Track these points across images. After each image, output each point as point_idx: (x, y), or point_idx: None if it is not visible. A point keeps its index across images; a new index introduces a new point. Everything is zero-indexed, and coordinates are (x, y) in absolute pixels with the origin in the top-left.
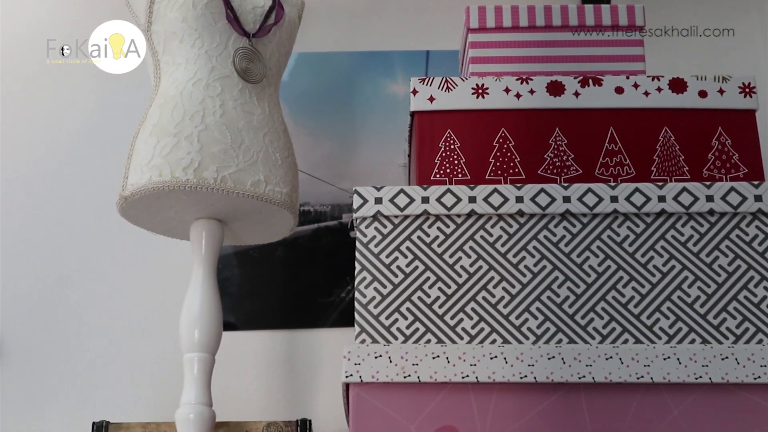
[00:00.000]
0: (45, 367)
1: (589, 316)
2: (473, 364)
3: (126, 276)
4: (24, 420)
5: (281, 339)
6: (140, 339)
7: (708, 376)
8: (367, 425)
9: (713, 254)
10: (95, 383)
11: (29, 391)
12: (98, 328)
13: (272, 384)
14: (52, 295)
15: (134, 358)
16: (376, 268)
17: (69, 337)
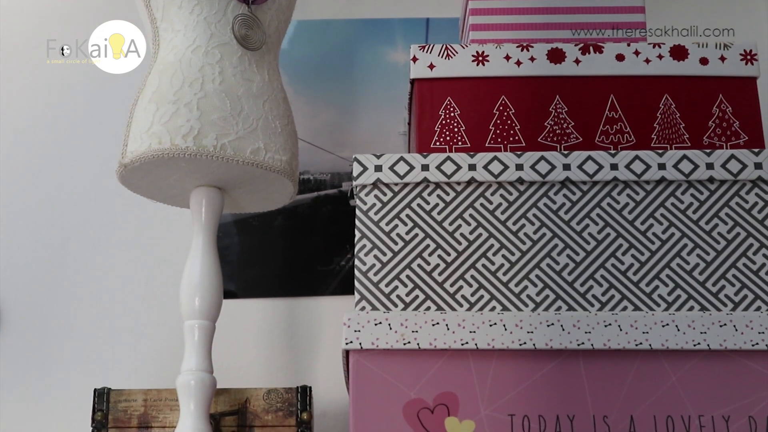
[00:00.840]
0: (46, 334)
1: (589, 283)
2: (473, 331)
3: (126, 244)
4: (25, 387)
5: (281, 307)
6: (141, 306)
7: (706, 342)
8: (367, 392)
9: (712, 222)
10: (96, 351)
11: (30, 359)
12: (98, 295)
13: (272, 351)
14: (52, 263)
15: (135, 325)
16: (375, 235)
17: (69, 305)
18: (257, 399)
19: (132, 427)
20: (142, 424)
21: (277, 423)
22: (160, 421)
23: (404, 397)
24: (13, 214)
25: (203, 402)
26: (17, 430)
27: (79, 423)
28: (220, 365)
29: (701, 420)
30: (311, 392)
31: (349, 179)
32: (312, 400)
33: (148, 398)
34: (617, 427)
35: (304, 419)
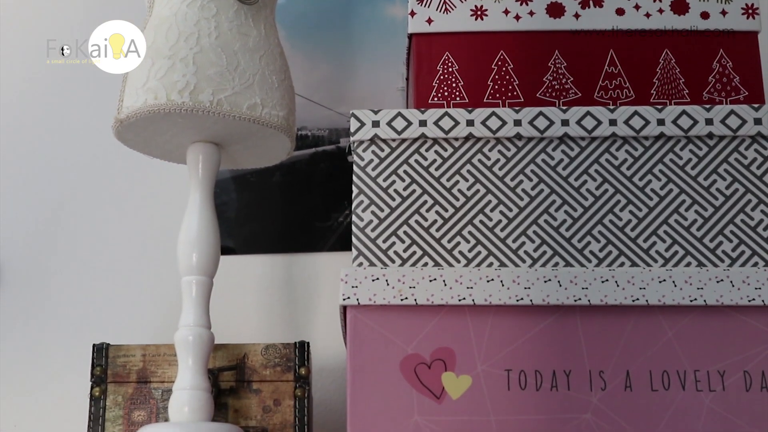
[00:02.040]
0: (44, 291)
1: (586, 239)
2: (470, 287)
3: (123, 200)
4: (24, 343)
5: (279, 263)
6: (138, 262)
7: (703, 298)
8: (365, 347)
9: (711, 178)
10: (95, 306)
11: (29, 315)
12: (96, 252)
13: (271, 307)
14: (50, 219)
15: (133, 281)
16: (373, 191)
17: (68, 261)
18: (255, 354)
19: (131, 382)
20: (141, 379)
21: (276, 378)
22: (158, 376)
23: (401, 353)
24: (12, 170)
25: (201, 357)
26: (17, 386)
27: (78, 378)
28: (219, 321)
29: (696, 375)
30: (309, 348)
31: (347, 135)
32: (310, 355)
33: (146, 353)
34: (613, 381)
35: (302, 374)
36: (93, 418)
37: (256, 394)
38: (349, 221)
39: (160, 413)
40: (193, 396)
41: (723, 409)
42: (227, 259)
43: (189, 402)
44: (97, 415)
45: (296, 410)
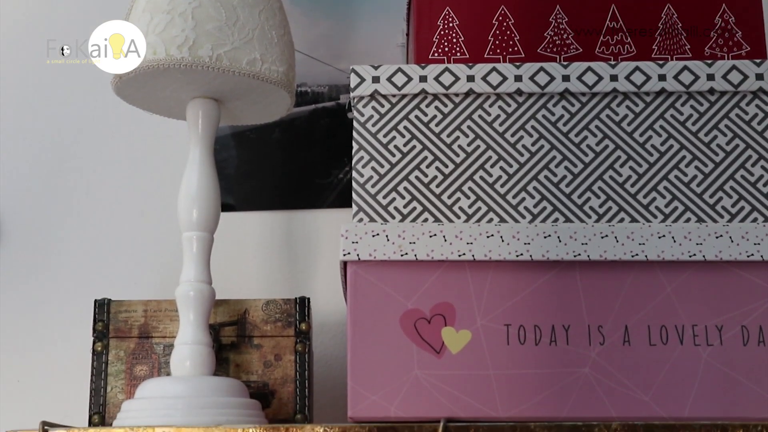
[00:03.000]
0: (45, 247)
1: (586, 195)
2: (470, 242)
3: (124, 156)
4: (26, 299)
5: (279, 220)
6: (139, 218)
7: (702, 254)
8: (365, 302)
9: (712, 133)
10: (96, 263)
11: (31, 271)
12: (98, 207)
13: (271, 264)
14: (51, 175)
15: (134, 237)
16: (373, 147)
17: (69, 217)
18: (256, 310)
19: (132, 337)
20: (142, 334)
21: (276, 333)
22: (160, 331)
23: (401, 308)
24: (12, 126)
25: (202, 312)
26: (19, 341)
27: (80, 333)
28: (219, 277)
29: (695, 329)
30: (309, 303)
31: (347, 92)
32: (310, 311)
33: (148, 309)
34: (612, 336)
35: (302, 330)
36: (95, 372)
37: (257, 349)
38: (349, 178)
39: (162, 368)
40: (195, 351)
41: (720, 363)
42: (227, 216)
43: (190, 357)
44: (100, 370)
45: (297, 365)
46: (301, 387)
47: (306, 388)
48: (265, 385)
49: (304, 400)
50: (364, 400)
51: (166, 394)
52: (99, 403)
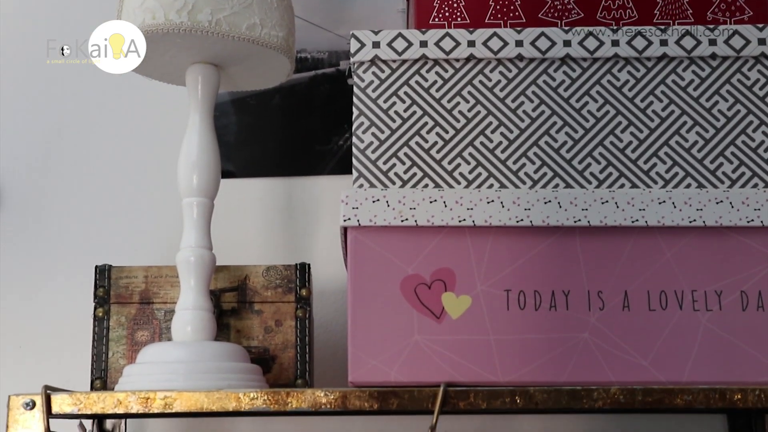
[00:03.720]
0: (46, 213)
1: (587, 161)
2: (470, 208)
3: (123, 122)
4: (27, 266)
5: (280, 186)
6: (139, 184)
7: (702, 219)
8: (365, 268)
9: (713, 99)
10: (97, 229)
11: (31, 238)
12: (98, 174)
13: (271, 230)
14: (51, 141)
15: (134, 203)
16: (373, 113)
17: (69, 183)
18: (257, 276)
19: (134, 303)
20: (143, 300)
21: (277, 299)
22: (161, 297)
23: (402, 273)
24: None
25: (203, 278)
26: (21, 307)
27: (81, 300)
28: (220, 243)
29: (694, 295)
30: (310, 269)
31: (347, 58)
32: (311, 276)
33: (148, 275)
34: (611, 301)
35: (303, 295)
36: (97, 338)
37: (257, 315)
38: (349, 145)
39: (163, 333)
40: (196, 316)
41: (719, 328)
42: (227, 183)
43: (191, 322)
44: (101, 335)
45: (297, 330)
46: (301, 352)
47: (306, 353)
48: (266, 350)
49: (305, 365)
50: (364, 364)
51: (168, 359)
52: (101, 368)
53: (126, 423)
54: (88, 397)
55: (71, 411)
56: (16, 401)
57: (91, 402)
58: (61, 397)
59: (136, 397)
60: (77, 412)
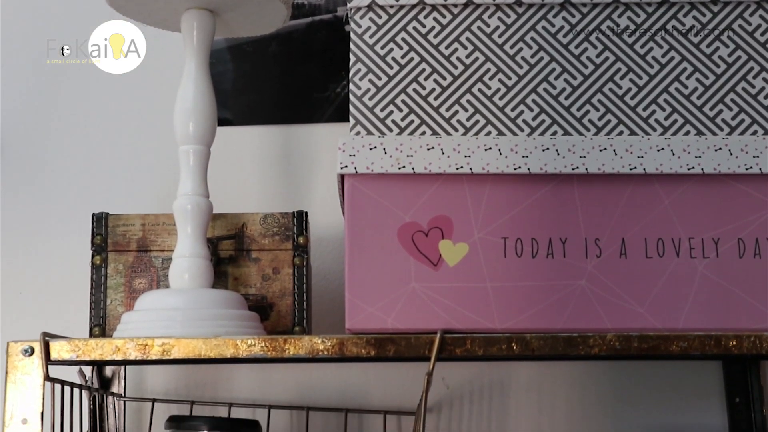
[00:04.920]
0: (43, 161)
1: (585, 108)
2: (468, 155)
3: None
4: (26, 213)
5: (277, 134)
6: (135, 132)
7: (700, 167)
8: (362, 215)
9: (714, 45)
10: (93, 177)
11: (28, 186)
12: (94, 121)
13: (268, 178)
14: (48, 89)
15: (131, 151)
16: (370, 59)
17: (66, 132)
18: (254, 223)
19: (131, 251)
20: (140, 248)
21: (274, 247)
22: (158, 245)
23: (399, 221)
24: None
25: (200, 225)
26: (20, 256)
27: (79, 247)
28: (217, 191)
29: (691, 242)
30: (307, 217)
31: (345, 4)
32: (308, 224)
33: (146, 223)
34: (608, 249)
35: (300, 243)
36: (95, 285)
37: (255, 263)
38: (346, 92)
39: (161, 281)
40: (193, 263)
41: (716, 275)
42: (224, 131)
43: (189, 269)
44: (99, 283)
45: (295, 278)
46: (299, 300)
47: (304, 300)
48: (264, 298)
49: (303, 313)
50: (361, 311)
51: (165, 306)
52: (99, 316)
53: (125, 370)
54: (87, 344)
55: (70, 357)
56: (14, 348)
57: (89, 348)
58: (59, 344)
59: (134, 343)
60: (76, 358)
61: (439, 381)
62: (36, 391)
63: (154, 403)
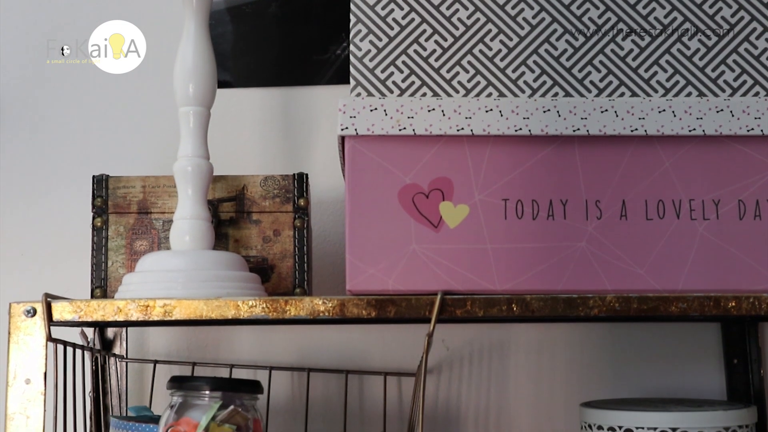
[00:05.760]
0: (44, 124)
1: (587, 69)
2: (468, 117)
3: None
4: (26, 176)
5: (277, 96)
6: (135, 94)
7: (702, 128)
8: (363, 177)
9: (717, 5)
10: (93, 139)
11: (29, 148)
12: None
13: (269, 140)
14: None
15: (130, 113)
16: (371, 20)
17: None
18: (254, 186)
19: (132, 213)
20: (141, 210)
21: (275, 209)
22: (159, 207)
23: (399, 183)
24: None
25: (201, 187)
26: (21, 217)
27: (79, 210)
28: (217, 153)
29: (692, 204)
30: (308, 179)
31: None
32: (309, 186)
33: (146, 185)
34: (609, 211)
35: (301, 205)
36: (96, 247)
37: (255, 225)
38: (346, 54)
39: (162, 243)
40: (194, 225)
41: (716, 236)
42: (224, 93)
43: (190, 231)
44: (100, 245)
45: (296, 240)
46: (300, 262)
47: (305, 263)
48: (264, 260)
49: (303, 275)
50: (362, 273)
51: (167, 267)
52: (100, 278)
53: (127, 332)
54: (89, 305)
55: (72, 318)
56: (17, 308)
57: (91, 309)
58: (61, 305)
59: (136, 304)
60: (78, 319)
61: (439, 343)
62: (39, 352)
63: (155, 364)
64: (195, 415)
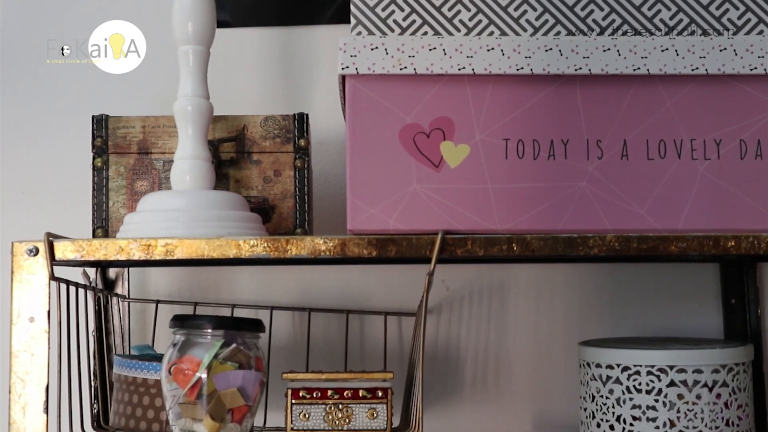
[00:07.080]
0: (43, 63)
1: (589, 7)
2: (470, 56)
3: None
4: (27, 116)
5: (277, 36)
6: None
7: (705, 67)
8: (363, 116)
9: None
10: (92, 78)
11: (28, 88)
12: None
13: (269, 80)
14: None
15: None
16: None
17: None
18: (255, 126)
19: (132, 153)
20: (141, 150)
21: (275, 149)
22: (159, 147)
23: (400, 122)
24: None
25: (201, 127)
26: (22, 156)
27: (79, 149)
28: (217, 93)
29: (693, 143)
30: (308, 119)
31: None
32: (309, 127)
33: (146, 125)
34: (610, 150)
35: (301, 145)
36: (96, 187)
37: (256, 165)
38: None
39: (162, 183)
40: (194, 165)
41: (717, 176)
42: (223, 33)
43: (190, 171)
44: (101, 185)
45: (296, 180)
46: (300, 202)
47: (306, 203)
48: (265, 200)
49: (304, 215)
50: (363, 213)
51: (168, 207)
52: (102, 218)
53: (128, 273)
54: (91, 244)
55: (74, 258)
56: (19, 248)
57: (93, 249)
58: (63, 244)
59: (137, 244)
60: (80, 258)
61: (439, 283)
62: (42, 290)
63: (158, 304)
64: (198, 353)
